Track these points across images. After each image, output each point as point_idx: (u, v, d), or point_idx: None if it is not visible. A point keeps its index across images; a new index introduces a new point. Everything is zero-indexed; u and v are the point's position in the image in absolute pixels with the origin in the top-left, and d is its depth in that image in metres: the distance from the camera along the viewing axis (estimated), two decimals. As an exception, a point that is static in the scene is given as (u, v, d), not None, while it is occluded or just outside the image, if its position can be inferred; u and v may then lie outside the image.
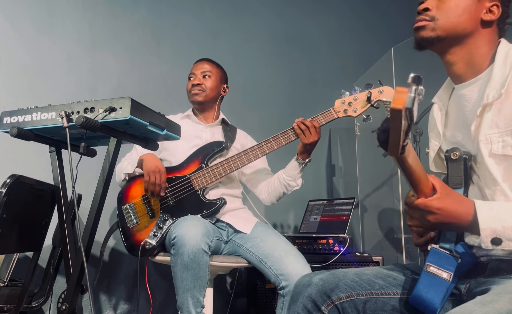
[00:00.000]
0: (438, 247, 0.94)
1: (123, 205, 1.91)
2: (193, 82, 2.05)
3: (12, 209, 1.46)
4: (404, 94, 0.61)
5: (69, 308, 1.29)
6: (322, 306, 0.98)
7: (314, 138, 1.83)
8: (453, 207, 0.84)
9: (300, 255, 1.75)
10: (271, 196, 2.04)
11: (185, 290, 1.61)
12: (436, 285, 0.90)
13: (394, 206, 2.56)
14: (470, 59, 1.00)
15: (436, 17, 0.99)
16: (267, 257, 1.74)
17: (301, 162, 1.90)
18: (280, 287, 1.69)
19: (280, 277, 1.68)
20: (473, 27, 0.99)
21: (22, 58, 2.30)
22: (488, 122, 0.93)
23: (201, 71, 2.06)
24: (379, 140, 0.72)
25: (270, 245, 1.78)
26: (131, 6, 2.63)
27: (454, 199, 0.85)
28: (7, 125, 1.35)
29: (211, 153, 1.94)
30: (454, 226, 0.88)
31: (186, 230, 1.61)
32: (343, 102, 1.83)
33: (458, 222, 0.85)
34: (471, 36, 0.99)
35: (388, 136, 0.67)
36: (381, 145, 0.72)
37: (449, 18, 0.98)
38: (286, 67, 3.05)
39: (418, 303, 0.92)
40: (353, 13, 3.32)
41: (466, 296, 0.93)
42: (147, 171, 1.82)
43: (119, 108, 1.24)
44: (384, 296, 0.99)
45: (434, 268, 0.91)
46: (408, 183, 0.84)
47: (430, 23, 1.00)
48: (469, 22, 0.98)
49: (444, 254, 0.92)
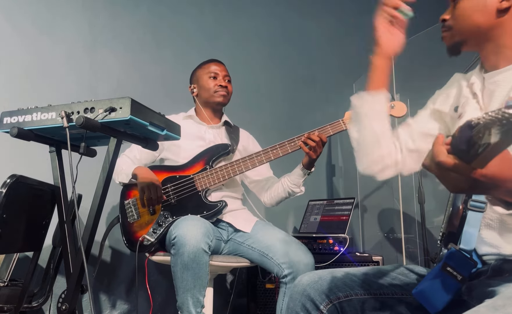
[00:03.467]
0: (458, 249, 0.93)
1: (126, 200, 1.92)
2: (220, 83, 2.05)
3: (12, 209, 1.46)
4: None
5: (69, 308, 1.29)
6: (320, 305, 0.98)
7: (320, 150, 1.84)
8: (498, 171, 0.66)
9: (301, 243, 1.78)
10: (273, 200, 2.06)
11: (185, 290, 1.61)
12: (448, 285, 0.89)
13: (394, 206, 2.56)
14: (499, 49, 1.00)
15: (451, 26, 1.05)
16: (269, 249, 1.76)
17: (306, 172, 1.92)
18: (283, 276, 1.71)
19: (283, 265, 1.70)
20: (489, 20, 0.99)
21: (22, 58, 2.30)
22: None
23: (224, 74, 2.08)
24: (456, 148, 0.61)
25: (271, 237, 1.80)
26: (131, 6, 2.63)
27: (500, 159, 0.65)
28: (7, 125, 1.35)
29: (216, 155, 1.94)
30: (495, 192, 0.71)
31: (186, 230, 1.62)
32: None
33: (502, 188, 0.69)
34: (492, 29, 1.00)
35: (470, 145, 0.58)
36: (456, 153, 0.62)
37: (460, 23, 1.03)
38: (286, 67, 3.05)
39: (423, 298, 0.91)
40: (353, 13, 3.32)
41: (467, 296, 0.93)
42: (142, 187, 1.82)
43: (119, 108, 1.24)
44: (383, 296, 0.99)
45: (450, 269, 0.90)
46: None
47: (448, 32, 1.06)
48: (482, 18, 0.99)
49: (463, 258, 0.91)
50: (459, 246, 0.93)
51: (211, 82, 2.05)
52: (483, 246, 0.95)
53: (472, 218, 0.92)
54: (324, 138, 1.82)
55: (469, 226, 0.92)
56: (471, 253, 0.92)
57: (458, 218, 0.95)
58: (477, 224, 0.92)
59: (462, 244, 0.93)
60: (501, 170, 0.66)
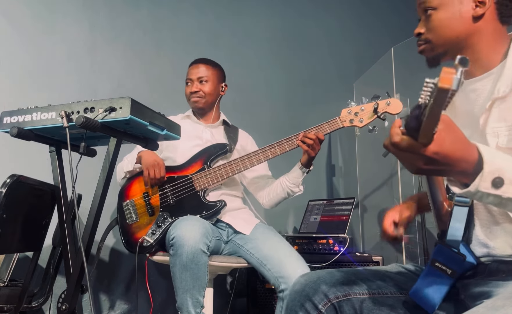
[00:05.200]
0: (445, 244, 0.94)
1: (124, 201, 1.92)
2: (191, 89, 2.04)
3: (12, 209, 1.46)
4: (451, 75, 0.59)
5: (69, 308, 1.29)
6: (319, 304, 0.98)
7: (318, 148, 1.83)
8: (451, 150, 0.70)
9: (300, 258, 1.75)
10: (272, 202, 2.05)
11: (184, 290, 1.61)
12: (440, 281, 0.90)
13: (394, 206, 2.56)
14: (478, 57, 1.00)
15: (428, 39, 1.05)
16: (267, 260, 1.74)
17: (305, 171, 1.92)
18: (279, 290, 1.69)
19: (280, 279, 1.68)
20: (467, 28, 0.99)
21: (23, 58, 2.30)
22: (496, 116, 0.93)
23: (197, 76, 2.05)
24: (408, 127, 0.67)
25: (271, 247, 1.78)
26: (132, 6, 2.63)
27: (454, 138, 0.72)
28: (7, 125, 1.36)
29: (214, 154, 1.94)
30: (449, 172, 0.75)
31: (185, 230, 1.61)
32: (349, 111, 1.83)
33: (455, 167, 0.73)
34: (470, 37, 1.00)
35: (419, 123, 0.65)
36: (410, 133, 0.68)
37: (439, 33, 1.03)
38: (285, 67, 3.05)
39: (418, 297, 0.92)
40: (353, 13, 3.32)
41: (464, 295, 0.94)
42: (146, 166, 1.85)
43: (119, 108, 1.24)
44: (382, 296, 0.99)
45: (439, 264, 0.91)
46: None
47: (426, 45, 1.06)
48: (460, 27, 1.00)
49: (450, 252, 0.92)
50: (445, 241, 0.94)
51: (187, 89, 2.08)
52: (477, 247, 0.95)
53: (457, 213, 0.94)
54: (321, 136, 1.81)
55: (455, 220, 0.94)
56: (458, 246, 0.93)
57: (447, 215, 0.96)
58: (463, 219, 0.94)
59: (448, 238, 0.94)
60: (454, 150, 0.69)
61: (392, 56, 2.48)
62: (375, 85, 2.64)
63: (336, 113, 1.86)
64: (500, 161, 0.73)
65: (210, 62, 2.10)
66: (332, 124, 1.85)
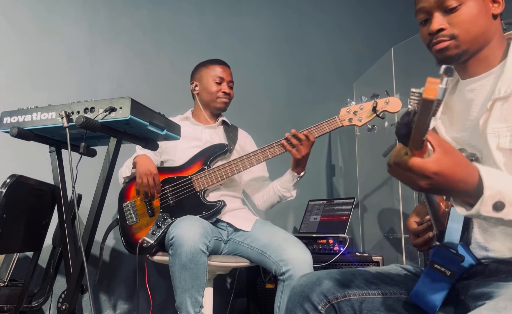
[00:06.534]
0: (443, 245, 0.94)
1: (124, 202, 1.92)
2: (224, 90, 2.04)
3: (12, 209, 1.46)
4: (436, 85, 0.59)
5: (69, 308, 1.29)
6: (319, 305, 0.98)
7: (306, 151, 1.79)
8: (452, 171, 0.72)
9: (299, 241, 1.77)
10: (265, 205, 2.05)
11: (183, 290, 1.61)
12: (439, 282, 0.90)
13: (394, 206, 2.56)
14: (483, 55, 0.99)
15: (455, 34, 0.97)
16: (267, 247, 1.76)
17: (295, 176, 1.89)
18: (281, 273, 1.70)
19: (281, 263, 1.69)
20: (489, 26, 0.98)
21: (22, 58, 2.30)
22: (497, 116, 0.92)
23: (229, 79, 2.07)
24: (398, 134, 0.68)
25: (269, 236, 1.79)
26: (131, 6, 2.63)
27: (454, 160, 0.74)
28: (7, 125, 1.36)
29: (213, 155, 1.94)
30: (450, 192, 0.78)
31: (184, 230, 1.62)
32: (348, 110, 1.83)
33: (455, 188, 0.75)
34: (490, 35, 0.98)
35: (409, 130, 0.66)
36: (401, 140, 0.69)
37: (468, 30, 0.96)
38: (285, 67, 3.05)
39: (419, 299, 0.92)
40: (353, 13, 3.32)
41: (464, 296, 0.93)
42: (139, 174, 1.82)
43: (119, 108, 1.24)
44: (381, 296, 0.99)
45: (438, 266, 0.91)
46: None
47: (451, 41, 0.98)
48: (485, 24, 0.97)
49: (449, 253, 0.92)
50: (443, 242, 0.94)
51: (215, 87, 2.03)
52: (477, 250, 0.95)
53: (455, 213, 0.94)
54: (311, 137, 1.78)
55: (452, 221, 0.94)
56: (456, 247, 0.92)
57: (444, 216, 0.96)
58: (460, 219, 0.93)
59: (446, 240, 0.94)
60: (453, 172, 0.72)
61: (392, 56, 2.48)
62: (375, 85, 2.63)
63: (336, 113, 1.86)
64: (500, 184, 0.74)
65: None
66: (331, 123, 1.84)
